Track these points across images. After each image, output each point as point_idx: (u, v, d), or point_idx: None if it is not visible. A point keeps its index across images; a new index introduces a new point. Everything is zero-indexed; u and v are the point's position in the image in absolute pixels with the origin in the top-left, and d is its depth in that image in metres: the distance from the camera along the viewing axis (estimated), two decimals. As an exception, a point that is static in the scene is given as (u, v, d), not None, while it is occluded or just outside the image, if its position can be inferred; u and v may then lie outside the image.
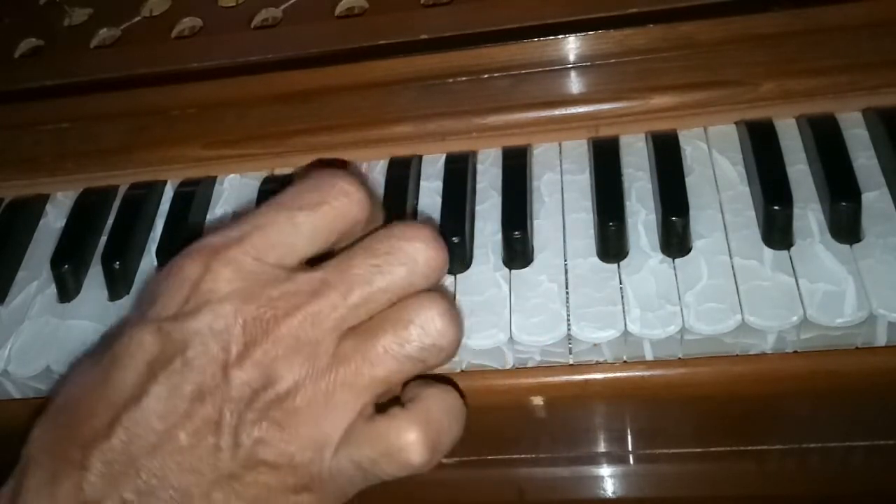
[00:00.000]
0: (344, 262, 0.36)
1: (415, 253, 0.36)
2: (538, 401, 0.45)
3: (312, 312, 0.35)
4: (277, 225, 0.37)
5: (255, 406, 0.34)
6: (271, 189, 0.51)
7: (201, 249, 0.36)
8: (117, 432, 0.34)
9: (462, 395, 0.38)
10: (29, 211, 0.55)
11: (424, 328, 0.36)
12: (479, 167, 0.50)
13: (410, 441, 0.35)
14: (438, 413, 0.36)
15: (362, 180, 0.39)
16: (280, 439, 0.34)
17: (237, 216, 0.39)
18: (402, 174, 0.50)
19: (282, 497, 0.35)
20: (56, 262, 0.50)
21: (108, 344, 0.36)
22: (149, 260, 0.50)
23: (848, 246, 0.42)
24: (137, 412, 0.34)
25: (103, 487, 0.34)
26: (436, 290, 0.37)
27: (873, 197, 0.44)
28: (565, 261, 0.45)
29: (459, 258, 0.46)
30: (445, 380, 0.39)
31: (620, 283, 0.43)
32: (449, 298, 0.37)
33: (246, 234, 0.36)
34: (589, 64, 0.50)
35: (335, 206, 0.37)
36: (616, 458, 0.55)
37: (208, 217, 0.52)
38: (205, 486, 0.34)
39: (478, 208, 0.48)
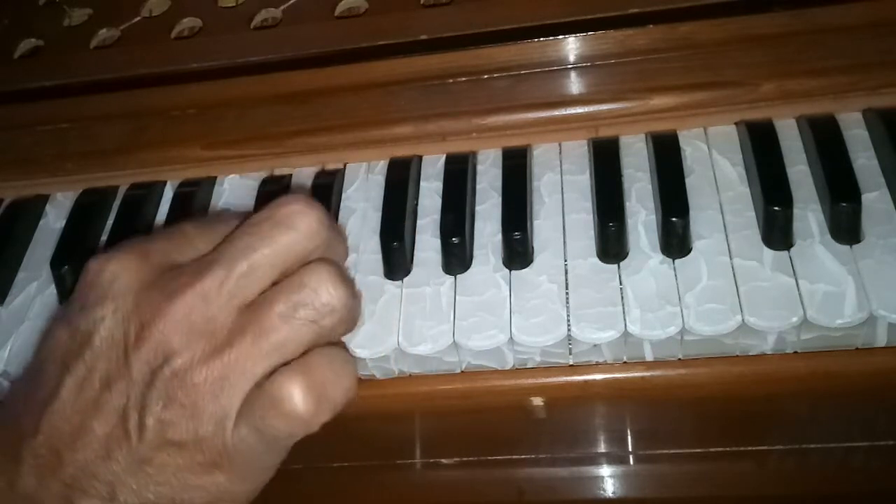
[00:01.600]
0: (227, 240, 0.38)
1: (291, 217, 0.38)
2: (538, 401, 0.45)
3: (202, 289, 0.36)
4: (178, 237, 0.40)
5: (156, 385, 0.35)
6: (271, 190, 0.51)
7: (106, 253, 0.38)
8: (42, 428, 0.36)
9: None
10: (29, 211, 0.55)
11: (316, 290, 0.37)
12: (479, 167, 0.50)
13: (292, 390, 0.36)
14: (319, 362, 0.37)
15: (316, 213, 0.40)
16: (181, 416, 0.35)
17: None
18: (402, 175, 0.50)
19: (194, 477, 0.36)
20: (56, 262, 0.50)
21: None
22: (149, 260, 0.50)
23: (848, 246, 0.42)
24: (57, 406, 0.36)
25: (35, 482, 0.35)
26: (329, 260, 0.38)
27: (873, 197, 0.44)
28: (565, 261, 0.45)
29: (459, 259, 0.46)
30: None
31: (620, 284, 0.43)
32: (340, 266, 0.38)
33: (149, 240, 0.40)
34: (589, 64, 0.50)
35: (280, 244, 0.38)
36: (616, 459, 0.55)
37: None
38: (121, 473, 0.36)
39: (478, 209, 0.48)
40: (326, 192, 0.50)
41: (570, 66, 0.50)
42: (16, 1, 0.61)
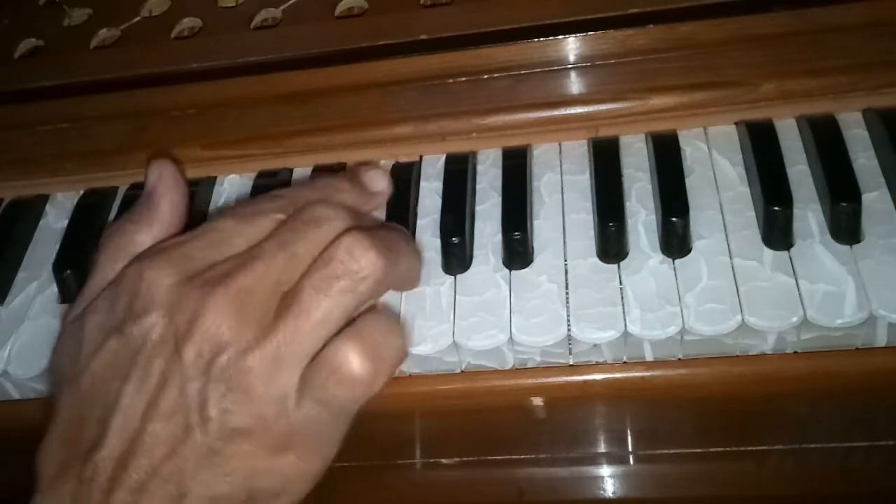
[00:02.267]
0: (266, 239, 0.39)
1: (317, 212, 0.39)
2: (538, 401, 0.45)
3: (245, 281, 0.37)
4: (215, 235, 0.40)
5: (212, 376, 0.36)
6: (264, 184, 0.51)
7: (139, 259, 0.39)
8: (106, 441, 0.36)
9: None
10: (29, 211, 0.55)
11: (344, 261, 0.37)
12: (479, 167, 0.50)
13: (348, 355, 0.37)
14: (367, 326, 0.38)
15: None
16: (242, 402, 0.36)
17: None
18: (403, 175, 0.50)
19: (264, 462, 0.37)
20: (58, 265, 0.50)
21: (72, 354, 0.38)
22: (149, 260, 0.50)
23: (848, 246, 0.42)
24: (118, 416, 0.36)
25: (101, 497, 0.35)
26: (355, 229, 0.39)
27: (873, 197, 0.44)
28: (565, 261, 0.45)
29: (459, 259, 0.46)
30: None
31: (620, 284, 0.43)
32: (368, 232, 0.39)
33: (184, 240, 0.40)
34: (589, 64, 0.50)
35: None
36: (616, 458, 0.55)
37: (208, 217, 0.52)
38: (190, 470, 0.35)
39: (478, 209, 0.48)
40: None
41: (570, 66, 0.50)
42: (16, 1, 0.61)
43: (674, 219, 0.44)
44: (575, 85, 0.50)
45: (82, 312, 0.39)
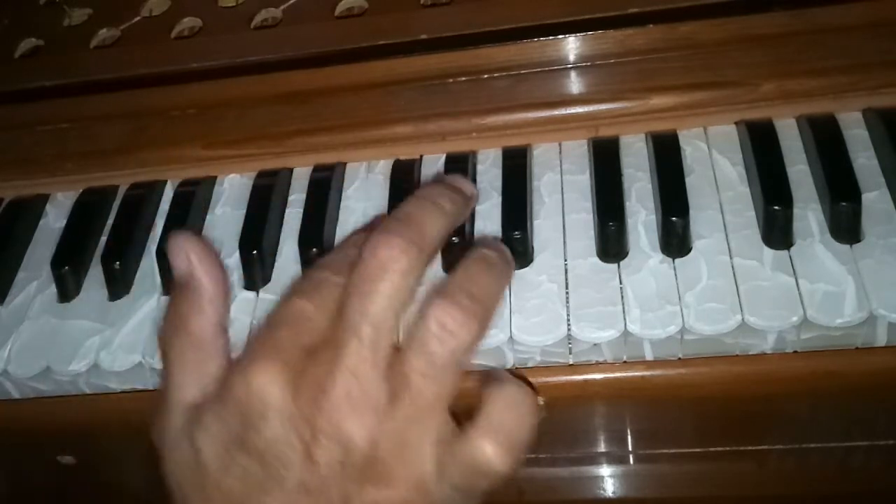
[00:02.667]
0: (340, 311, 0.38)
1: (379, 260, 0.37)
2: (538, 401, 0.45)
3: (346, 368, 0.36)
4: (292, 318, 0.38)
5: (349, 474, 0.36)
6: (264, 184, 0.51)
7: (240, 371, 0.38)
8: None
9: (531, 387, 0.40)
10: (29, 211, 0.55)
11: (441, 339, 0.37)
12: (479, 167, 0.50)
13: (488, 454, 0.37)
14: (501, 416, 0.38)
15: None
16: (384, 492, 0.36)
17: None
18: (403, 174, 0.50)
19: None
20: (56, 263, 0.50)
21: (194, 477, 0.38)
22: (149, 260, 0.50)
23: (848, 246, 0.42)
24: None
25: None
26: (435, 292, 0.38)
27: (873, 197, 0.44)
28: (565, 261, 0.45)
29: (459, 259, 0.45)
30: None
31: (620, 284, 0.43)
32: (453, 294, 0.38)
33: (268, 337, 0.38)
34: (589, 64, 0.50)
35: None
36: (616, 458, 0.55)
37: (208, 217, 0.52)
38: None
39: (478, 208, 0.48)
40: (325, 185, 0.50)
41: (569, 66, 0.51)
42: (16, 1, 0.61)
43: (674, 218, 0.44)
44: (575, 85, 0.50)
45: (188, 427, 0.39)
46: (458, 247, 0.45)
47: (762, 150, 0.46)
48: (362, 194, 0.50)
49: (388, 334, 0.37)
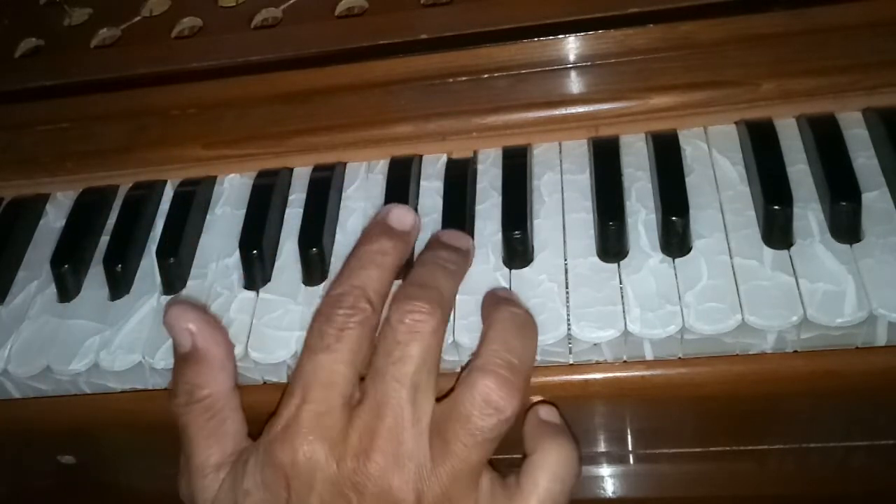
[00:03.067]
0: (375, 371, 0.39)
1: (407, 325, 0.39)
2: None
3: (387, 432, 0.38)
4: (325, 373, 0.39)
5: None
6: (264, 184, 0.51)
7: (282, 438, 0.39)
8: None
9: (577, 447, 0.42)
10: (29, 211, 0.55)
11: (486, 415, 0.38)
12: (480, 167, 0.50)
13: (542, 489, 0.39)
14: (547, 484, 0.40)
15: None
16: None
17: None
18: (403, 174, 0.50)
19: None
20: (56, 262, 0.50)
21: None
22: (149, 260, 0.50)
23: (848, 246, 0.42)
24: None
25: None
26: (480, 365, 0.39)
27: (873, 197, 0.44)
28: (565, 260, 0.45)
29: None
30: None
31: (620, 283, 0.43)
32: (489, 364, 0.39)
33: (303, 403, 0.39)
34: (589, 64, 0.50)
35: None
36: (616, 458, 0.54)
37: (208, 217, 0.52)
38: None
39: (478, 208, 0.48)
40: (324, 189, 0.50)
41: (570, 66, 0.51)
42: (16, 1, 0.61)
43: (674, 218, 0.44)
44: (575, 84, 0.50)
45: (229, 492, 0.40)
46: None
47: (762, 149, 0.46)
48: (362, 194, 0.50)
49: (426, 394, 0.39)
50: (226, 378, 0.42)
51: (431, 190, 0.49)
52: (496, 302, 0.42)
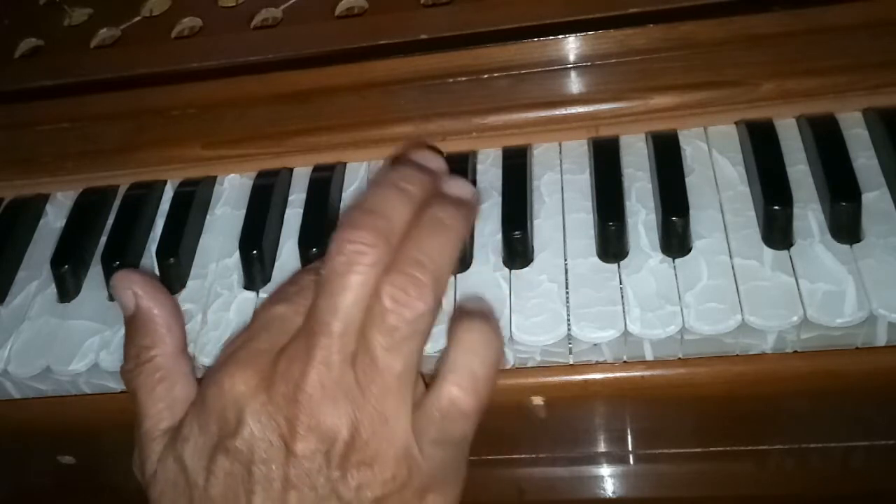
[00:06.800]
0: (313, 302, 0.38)
1: (345, 256, 0.38)
2: (538, 401, 0.45)
3: (318, 362, 0.37)
4: (273, 325, 0.39)
5: (335, 463, 0.36)
6: (264, 184, 0.51)
7: (214, 373, 0.38)
8: None
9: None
10: (29, 211, 0.55)
11: (396, 311, 0.37)
12: (479, 167, 0.50)
13: (451, 396, 0.38)
14: (460, 357, 0.39)
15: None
16: (372, 474, 0.37)
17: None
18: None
19: None
20: (56, 262, 0.50)
21: (181, 488, 0.38)
22: (149, 260, 0.50)
23: (848, 246, 0.42)
24: None
25: None
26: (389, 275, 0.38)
27: (873, 197, 0.44)
28: (565, 261, 0.45)
29: (459, 258, 0.45)
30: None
31: (620, 283, 0.43)
32: (403, 268, 0.38)
33: (244, 342, 0.39)
34: (589, 64, 0.50)
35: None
36: (616, 458, 0.55)
37: (208, 217, 0.52)
38: None
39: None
40: (324, 189, 0.50)
41: (570, 66, 0.50)
42: (16, 1, 0.61)
43: (674, 218, 0.44)
44: (575, 84, 0.50)
45: (170, 445, 0.39)
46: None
47: (762, 149, 0.46)
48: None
49: (357, 326, 0.38)
50: (172, 339, 0.41)
51: (431, 190, 0.49)
52: (427, 200, 0.41)
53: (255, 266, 0.48)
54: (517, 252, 0.45)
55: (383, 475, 0.37)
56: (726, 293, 0.42)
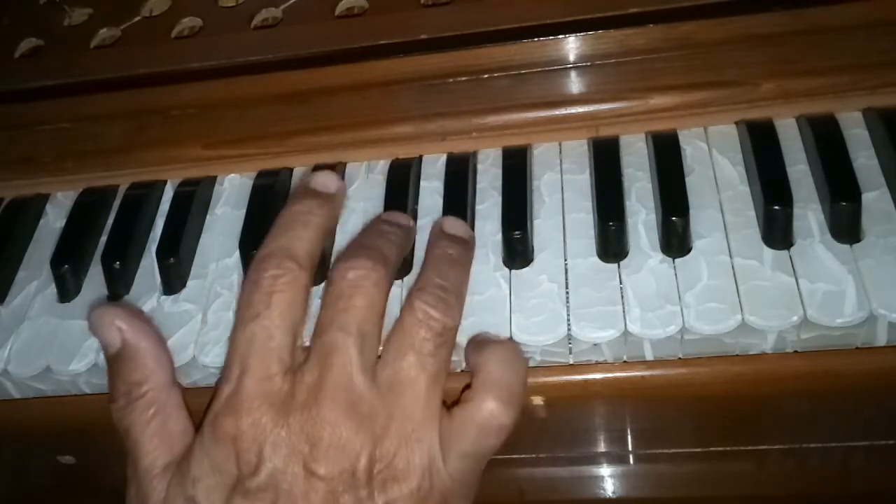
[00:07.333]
0: (320, 326, 0.38)
1: (349, 280, 0.39)
2: (538, 401, 0.45)
3: (335, 380, 0.37)
4: (259, 341, 0.38)
5: (361, 481, 0.36)
6: (264, 184, 0.51)
7: (223, 413, 0.37)
8: None
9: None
10: (29, 211, 0.55)
11: (422, 328, 0.38)
12: (480, 167, 0.50)
13: (491, 409, 0.38)
14: (497, 371, 0.39)
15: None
16: (400, 488, 0.37)
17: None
18: (403, 174, 0.50)
19: None
20: (56, 262, 0.50)
21: None
22: (149, 260, 0.50)
23: (848, 246, 0.42)
24: None
25: None
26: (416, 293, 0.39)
27: (873, 197, 0.44)
28: (565, 261, 0.45)
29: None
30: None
31: (620, 283, 0.43)
32: (430, 284, 0.40)
33: (242, 374, 0.38)
34: (589, 64, 0.50)
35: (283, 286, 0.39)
36: (616, 458, 0.55)
37: (208, 217, 0.52)
38: None
39: (478, 208, 0.48)
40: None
41: (570, 66, 0.51)
42: (16, 1, 0.61)
43: (674, 218, 0.44)
44: (575, 84, 0.50)
45: (177, 484, 0.38)
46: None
47: (762, 149, 0.46)
48: (362, 194, 0.50)
49: (372, 341, 0.38)
50: (163, 372, 0.40)
51: (431, 190, 0.49)
52: (434, 240, 0.44)
53: (255, 266, 0.47)
54: (517, 252, 0.45)
55: (409, 488, 0.37)
56: (726, 293, 0.42)
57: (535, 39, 0.50)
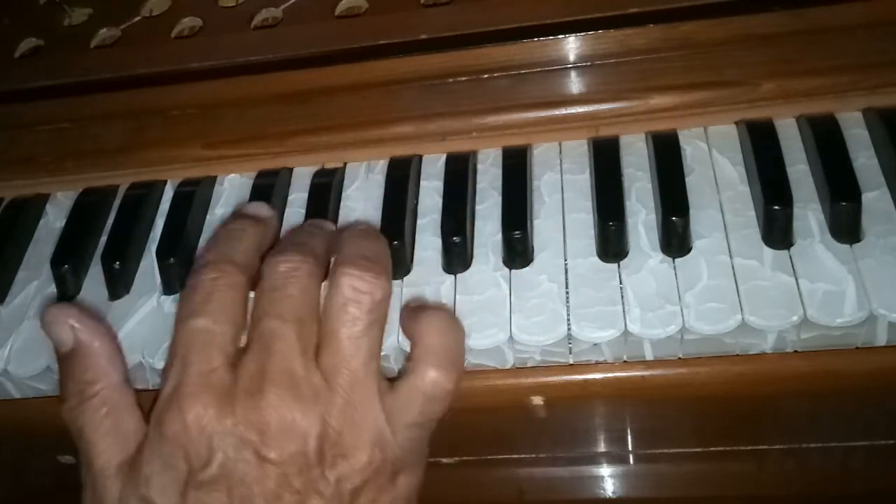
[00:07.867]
0: (256, 317, 0.39)
1: (281, 272, 0.40)
2: (538, 401, 0.45)
3: (277, 366, 0.37)
4: (200, 337, 0.39)
5: (312, 461, 0.37)
6: (264, 184, 0.51)
7: (168, 409, 0.37)
8: None
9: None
10: (29, 211, 0.55)
11: (358, 300, 0.38)
12: (480, 167, 0.50)
13: (434, 378, 0.39)
14: (434, 339, 0.40)
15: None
16: (350, 465, 0.37)
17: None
18: (403, 174, 0.50)
19: (387, 496, 0.38)
20: (56, 262, 0.50)
21: None
22: (149, 260, 0.50)
23: (848, 246, 0.42)
24: None
25: None
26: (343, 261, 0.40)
27: (873, 197, 0.44)
28: (565, 261, 0.45)
29: (460, 258, 0.46)
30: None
31: (620, 283, 0.43)
32: (353, 259, 0.40)
33: (184, 369, 0.38)
34: (589, 64, 0.50)
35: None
36: (616, 458, 0.55)
37: (208, 217, 0.52)
38: None
39: (478, 208, 0.48)
40: (326, 191, 0.50)
41: (570, 66, 0.51)
42: (16, 1, 0.61)
43: (674, 218, 0.44)
44: (575, 84, 0.50)
45: (130, 485, 0.38)
46: (458, 246, 0.45)
47: (762, 149, 0.46)
48: (362, 194, 0.50)
49: (309, 328, 0.38)
50: (115, 372, 0.40)
51: (431, 190, 0.49)
52: (346, 232, 0.45)
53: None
54: (517, 252, 0.45)
55: (360, 463, 0.37)
56: (726, 293, 0.42)
57: (535, 39, 0.50)
